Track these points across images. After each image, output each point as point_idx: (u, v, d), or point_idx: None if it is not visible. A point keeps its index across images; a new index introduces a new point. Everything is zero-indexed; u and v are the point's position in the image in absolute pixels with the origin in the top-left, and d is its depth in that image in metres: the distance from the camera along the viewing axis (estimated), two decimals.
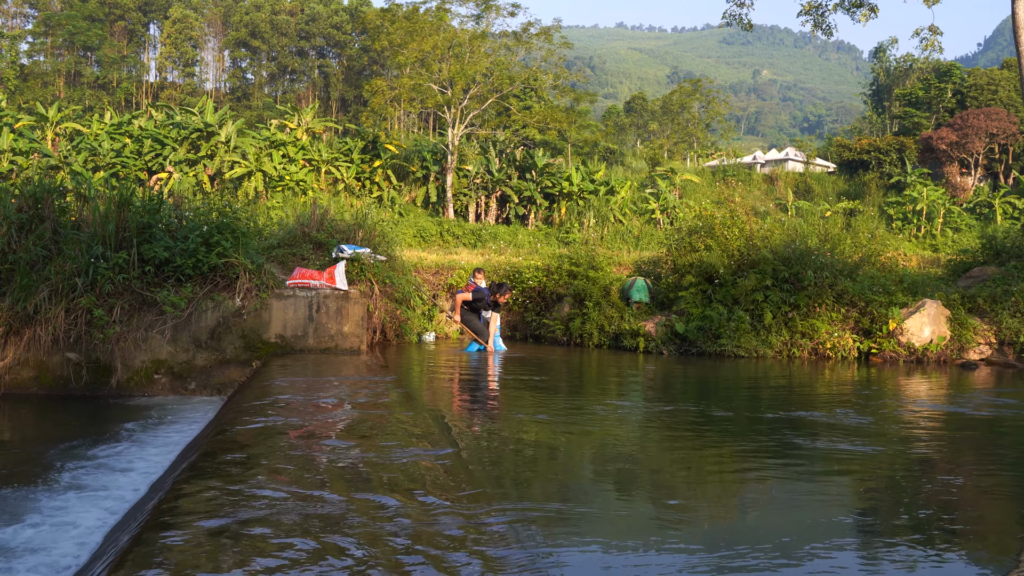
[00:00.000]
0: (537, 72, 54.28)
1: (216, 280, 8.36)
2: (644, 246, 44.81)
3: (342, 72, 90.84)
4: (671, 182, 61.05)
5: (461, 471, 3.87)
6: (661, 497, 3.99)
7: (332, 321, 8.70)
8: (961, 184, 64.93)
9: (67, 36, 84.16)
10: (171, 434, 6.00)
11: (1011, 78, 67.02)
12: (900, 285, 12.88)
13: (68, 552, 3.42)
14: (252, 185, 50.24)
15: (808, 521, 3.51)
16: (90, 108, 73.84)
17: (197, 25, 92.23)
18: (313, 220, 11.12)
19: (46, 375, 7.79)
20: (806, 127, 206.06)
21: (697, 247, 13.59)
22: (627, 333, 12.93)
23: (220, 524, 2.62)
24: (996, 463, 4.89)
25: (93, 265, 7.78)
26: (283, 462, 3.51)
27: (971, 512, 3.71)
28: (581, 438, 5.25)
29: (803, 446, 5.20)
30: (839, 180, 69.46)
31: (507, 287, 11.78)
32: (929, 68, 73.84)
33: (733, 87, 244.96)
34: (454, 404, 6.89)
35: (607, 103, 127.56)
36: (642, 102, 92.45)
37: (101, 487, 4.43)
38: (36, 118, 56.73)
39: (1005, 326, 12.00)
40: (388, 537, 2.60)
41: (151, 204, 8.62)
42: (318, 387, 6.03)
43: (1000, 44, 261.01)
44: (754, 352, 11.77)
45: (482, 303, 11.22)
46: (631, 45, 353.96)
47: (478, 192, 54.78)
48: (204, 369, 8.17)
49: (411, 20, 50.61)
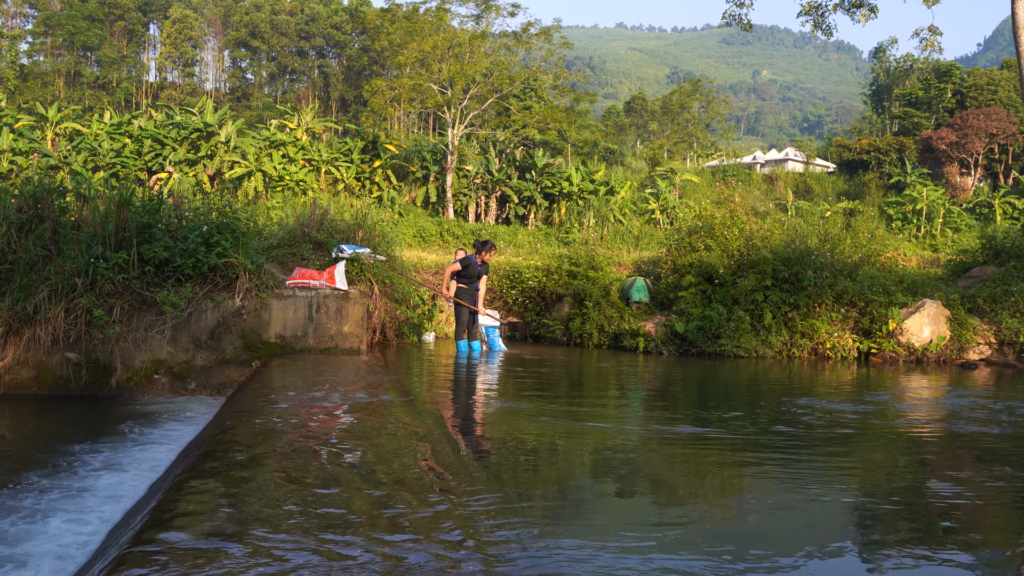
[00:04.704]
0: (537, 72, 54.31)
1: (216, 280, 8.36)
2: (644, 246, 44.84)
3: (342, 72, 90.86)
4: (671, 182, 61.08)
5: (461, 471, 3.87)
6: (661, 497, 3.99)
7: (332, 321, 8.70)
8: (961, 184, 64.96)
9: (67, 36, 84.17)
10: (171, 434, 6.00)
11: (1011, 78, 67.04)
12: (900, 285, 12.88)
13: (67, 552, 3.42)
14: (252, 185, 50.26)
15: (808, 521, 3.51)
16: (90, 108, 73.88)
17: (197, 25, 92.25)
18: (313, 220, 11.12)
19: (46, 375, 7.79)
20: (806, 127, 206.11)
21: (697, 247, 13.59)
22: (627, 333, 12.93)
23: (220, 524, 2.62)
24: (996, 462, 4.89)
25: (93, 265, 7.77)
26: (283, 462, 3.51)
27: (971, 512, 3.71)
28: (581, 438, 5.25)
29: (803, 445, 5.20)
30: (839, 180, 69.50)
31: (491, 244, 11.29)
32: (929, 68, 73.88)
33: (733, 87, 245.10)
34: (454, 404, 6.88)
35: (607, 103, 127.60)
36: (642, 102, 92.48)
37: (100, 487, 4.43)
38: (36, 118, 56.76)
39: (1005, 326, 12.00)
40: (388, 536, 2.60)
41: (151, 204, 8.62)
42: (318, 387, 6.02)
43: (1000, 44, 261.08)
44: (754, 352, 11.77)
45: (471, 268, 11.00)
46: (631, 45, 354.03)
47: (478, 192, 54.79)
48: (204, 369, 8.17)
49: (411, 20, 50.64)
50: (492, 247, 11.23)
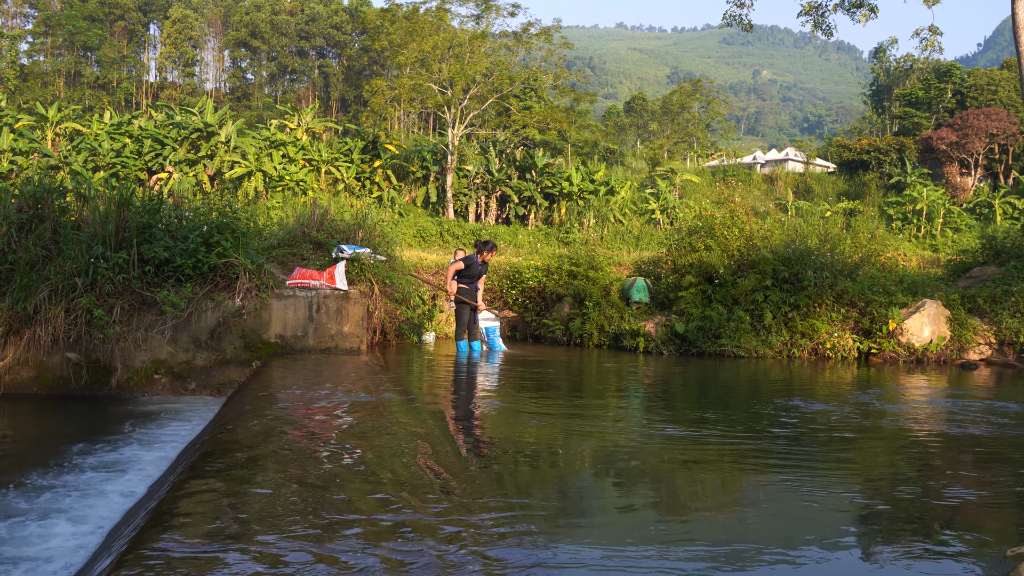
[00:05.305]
0: (537, 72, 54.32)
1: (216, 280, 8.36)
2: (644, 246, 44.85)
3: (342, 72, 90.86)
4: (671, 182, 61.07)
5: (461, 471, 3.87)
6: (661, 496, 3.99)
7: (332, 321, 8.69)
8: (961, 184, 64.95)
9: (67, 36, 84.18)
10: (170, 434, 6.00)
11: (1011, 78, 67.04)
12: (900, 285, 12.88)
13: (67, 553, 3.41)
14: (252, 185, 50.26)
15: (808, 520, 3.50)
16: (90, 108, 73.89)
17: (197, 25, 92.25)
18: (313, 220, 11.12)
19: (46, 375, 7.79)
20: (806, 127, 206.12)
21: (697, 247, 13.59)
22: (627, 333, 12.93)
23: (220, 525, 2.61)
24: (996, 462, 4.89)
25: (93, 265, 7.77)
26: (283, 462, 3.51)
27: (971, 511, 3.71)
28: (581, 437, 5.25)
29: (803, 445, 5.20)
30: (839, 180, 69.49)
31: (492, 244, 11.28)
32: (929, 68, 73.85)
33: (733, 87, 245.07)
34: (454, 404, 6.88)
35: (607, 103, 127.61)
36: (642, 102, 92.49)
37: (100, 488, 4.42)
38: (36, 118, 56.76)
39: (1005, 326, 12.00)
40: (388, 537, 2.60)
41: (151, 204, 8.61)
42: (318, 387, 6.02)
43: (1000, 44, 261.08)
44: (754, 352, 11.76)
45: (473, 268, 11.10)
46: (631, 45, 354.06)
47: (478, 192, 54.78)
48: (204, 369, 8.17)
49: (411, 20, 50.64)
50: (493, 247, 11.26)
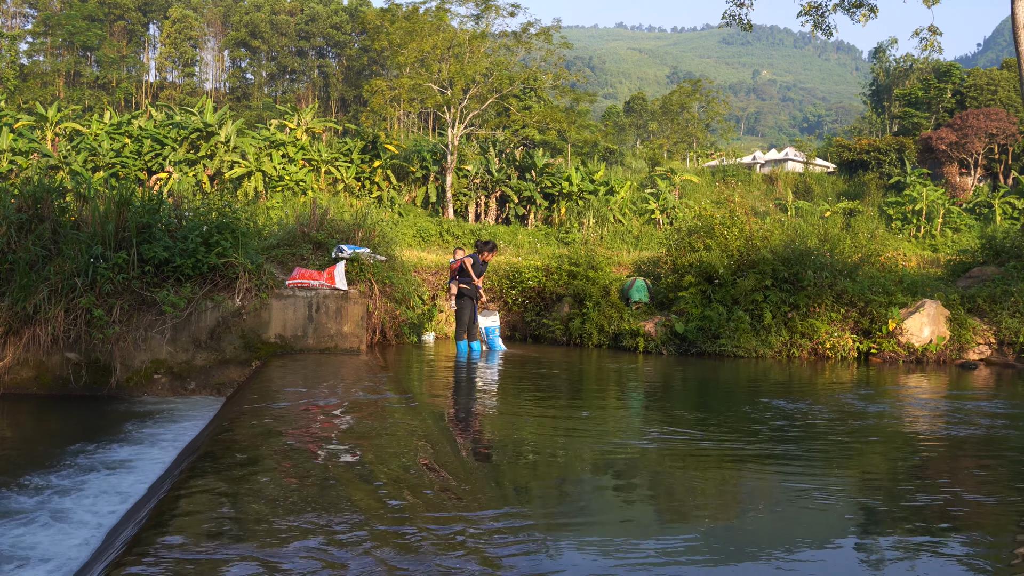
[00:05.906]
0: (537, 72, 54.29)
1: (216, 280, 8.36)
2: (644, 246, 44.82)
3: (342, 72, 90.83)
4: (671, 182, 61.05)
5: (460, 471, 3.87)
6: (661, 496, 3.99)
7: (332, 321, 8.70)
8: (961, 184, 64.92)
9: (67, 36, 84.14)
10: (170, 434, 5.99)
11: (1011, 78, 67.03)
12: (900, 285, 12.88)
13: (66, 553, 3.41)
14: (252, 185, 50.23)
15: (808, 520, 3.50)
16: (90, 108, 73.84)
17: (197, 25, 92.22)
18: (313, 220, 11.12)
19: (45, 375, 7.79)
20: (806, 127, 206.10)
21: (697, 247, 13.59)
22: (627, 333, 12.93)
23: (219, 525, 2.62)
24: (996, 461, 4.89)
25: (93, 265, 7.77)
26: (283, 462, 3.51)
27: (971, 510, 3.71)
28: (580, 437, 5.25)
29: (802, 445, 5.20)
30: (839, 180, 69.46)
31: (492, 244, 11.31)
32: (929, 68, 73.84)
33: (733, 87, 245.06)
34: (454, 404, 6.88)
35: (607, 103, 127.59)
36: (642, 102, 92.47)
37: (100, 488, 4.42)
38: (36, 118, 56.72)
39: (1004, 326, 12.01)
40: (388, 537, 2.60)
41: (151, 204, 8.62)
42: (317, 387, 6.02)
43: (1000, 44, 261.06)
44: (754, 352, 11.77)
45: (476, 267, 11.20)
46: (631, 45, 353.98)
47: (478, 192, 54.76)
48: (203, 369, 8.17)
49: (411, 20, 50.60)
50: (494, 247, 11.35)
